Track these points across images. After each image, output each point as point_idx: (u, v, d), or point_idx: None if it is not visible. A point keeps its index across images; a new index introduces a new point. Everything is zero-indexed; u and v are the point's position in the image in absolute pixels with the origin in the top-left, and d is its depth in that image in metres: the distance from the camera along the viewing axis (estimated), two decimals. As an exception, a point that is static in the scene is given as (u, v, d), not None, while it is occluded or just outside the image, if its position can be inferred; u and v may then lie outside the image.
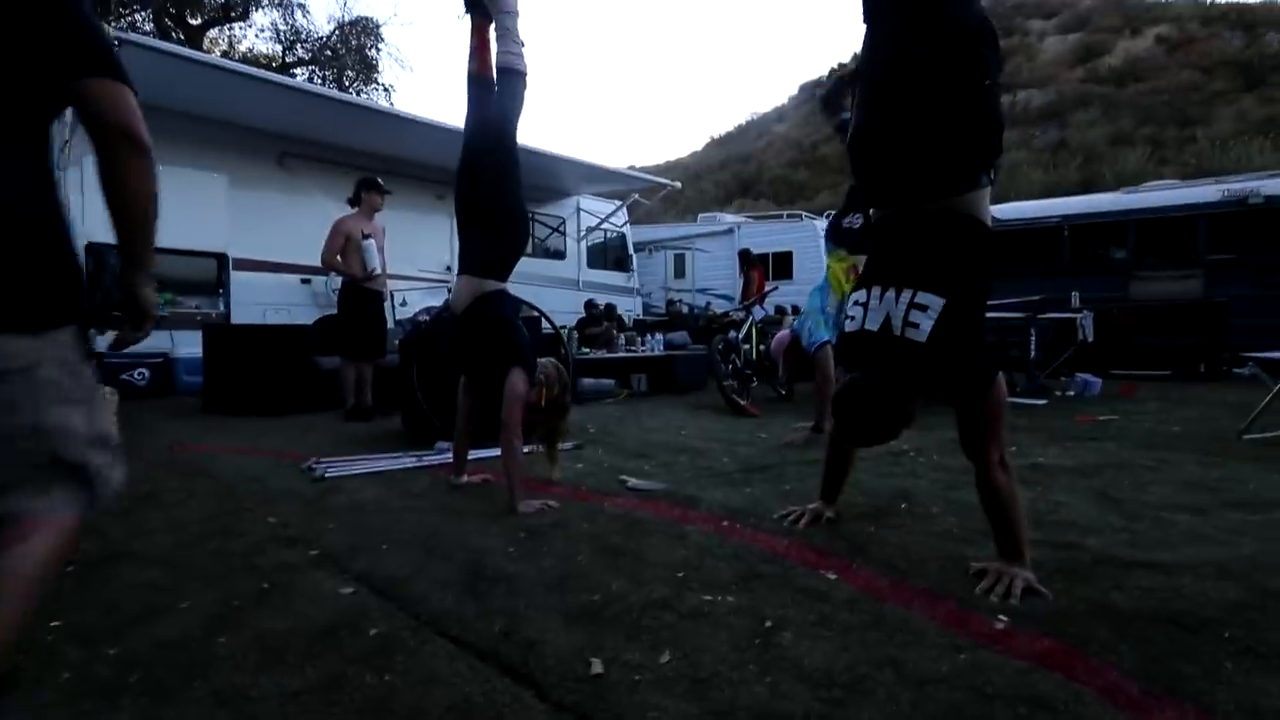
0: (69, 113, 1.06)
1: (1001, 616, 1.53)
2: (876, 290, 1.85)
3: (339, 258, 4.82)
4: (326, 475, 2.94)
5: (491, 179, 2.63)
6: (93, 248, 2.84)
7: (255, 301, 6.92)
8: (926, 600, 1.62)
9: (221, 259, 6.74)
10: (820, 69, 48.85)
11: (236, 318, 6.67)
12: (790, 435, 3.85)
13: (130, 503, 2.48)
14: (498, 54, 2.68)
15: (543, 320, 4.57)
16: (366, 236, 4.84)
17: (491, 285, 2.62)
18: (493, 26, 2.70)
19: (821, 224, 13.13)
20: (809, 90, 43.33)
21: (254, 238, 6.95)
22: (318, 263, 7.20)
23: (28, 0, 0.98)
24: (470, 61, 2.74)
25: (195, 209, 6.34)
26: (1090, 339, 6.98)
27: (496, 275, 2.65)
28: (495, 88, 2.72)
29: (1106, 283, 8.93)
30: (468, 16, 2.75)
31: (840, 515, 2.24)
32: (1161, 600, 1.57)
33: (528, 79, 2.71)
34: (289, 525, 2.31)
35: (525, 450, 2.60)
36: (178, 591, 1.74)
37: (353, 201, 4.96)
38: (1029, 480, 2.66)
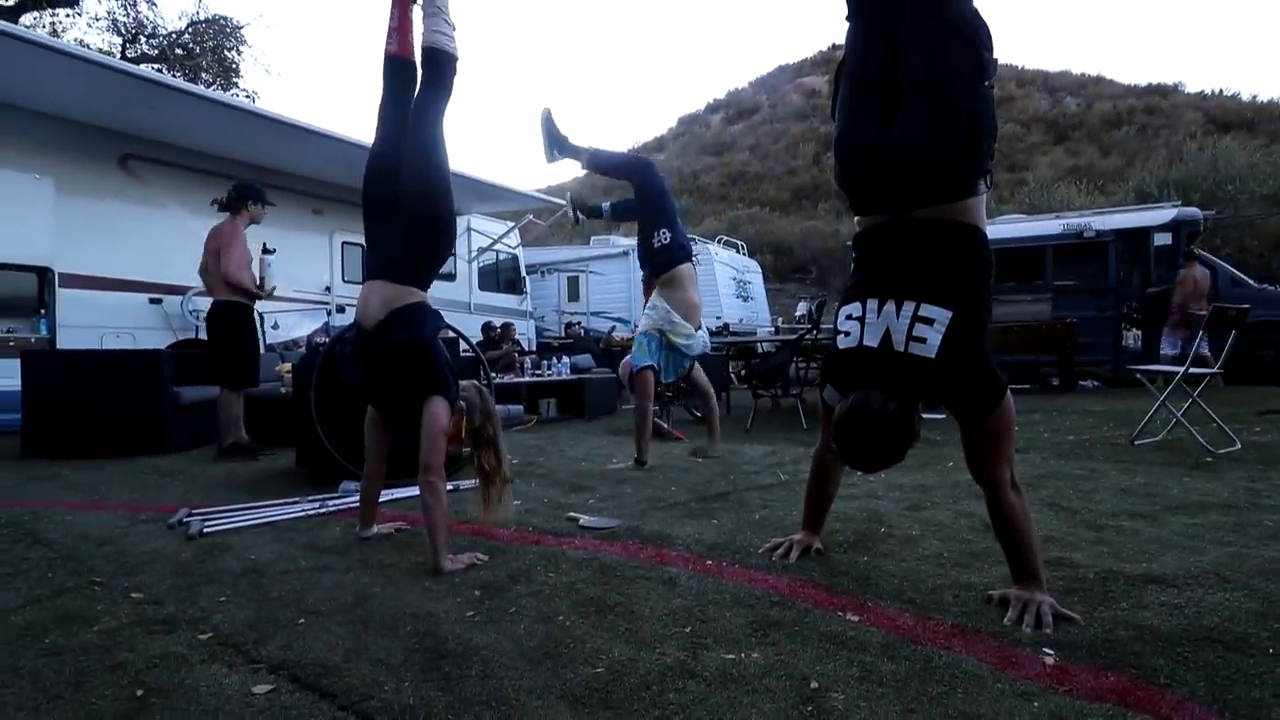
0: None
1: (1047, 650, 1.40)
2: (873, 303, 1.71)
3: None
4: (205, 531, 2.39)
5: (417, 164, 2.25)
6: None
7: (89, 324, 5.86)
8: (964, 638, 1.47)
9: (44, 274, 5.66)
10: (698, 103, 50.99)
11: (65, 342, 5.60)
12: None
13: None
14: (425, 32, 2.32)
15: (460, 342, 4.15)
16: (269, 251, 4.36)
17: (411, 295, 2.20)
18: (418, 4, 2.37)
19: (714, 247, 13.49)
20: (687, 123, 45.04)
21: (89, 251, 5.91)
22: (170, 280, 6.38)
23: None
24: (389, 42, 2.36)
25: (10, 217, 5.31)
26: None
27: (418, 282, 2.23)
28: (414, 73, 2.37)
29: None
30: None
31: (825, 545, 2.08)
32: (1190, 617, 1.52)
33: (459, 65, 2.38)
34: (162, 602, 1.80)
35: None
36: None
37: (226, 208, 4.29)
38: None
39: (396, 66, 2.34)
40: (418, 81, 2.35)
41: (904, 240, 1.73)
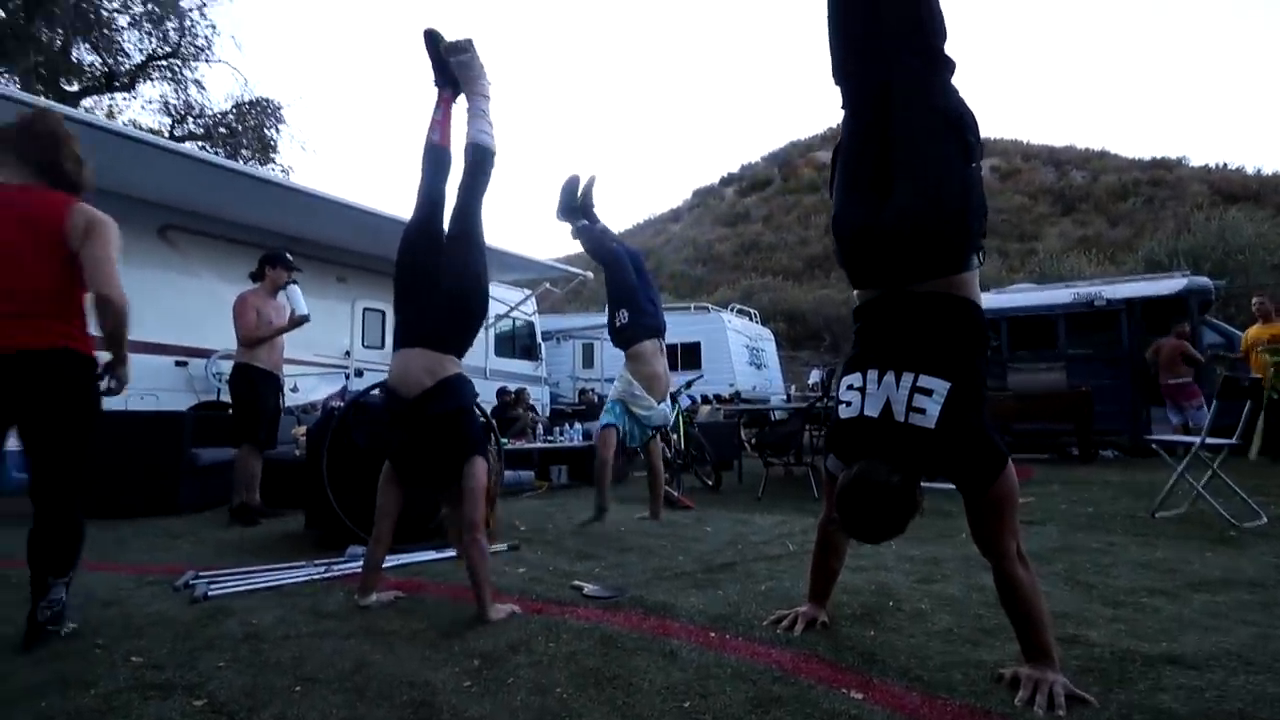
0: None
1: (1059, 733, 1.35)
2: (873, 374, 1.75)
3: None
4: (209, 594, 2.39)
5: (461, 244, 2.45)
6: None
7: (116, 385, 6.02)
8: None
9: (77, 337, 5.85)
10: (712, 177, 52.57)
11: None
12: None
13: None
14: (470, 131, 2.59)
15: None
16: (291, 282, 4.56)
17: (453, 365, 2.34)
18: (462, 104, 2.64)
19: (728, 315, 13.66)
20: (702, 195, 46.36)
21: (124, 315, 6.14)
22: (198, 344, 6.58)
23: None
24: (431, 132, 2.63)
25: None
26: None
27: (456, 351, 2.38)
28: (449, 161, 2.60)
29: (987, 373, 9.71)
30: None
31: (832, 618, 2.04)
32: (1211, 702, 1.46)
33: (495, 159, 2.60)
34: (161, 666, 1.79)
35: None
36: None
37: (255, 276, 4.50)
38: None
39: (436, 154, 2.58)
40: (449, 167, 2.57)
41: (901, 313, 1.78)
